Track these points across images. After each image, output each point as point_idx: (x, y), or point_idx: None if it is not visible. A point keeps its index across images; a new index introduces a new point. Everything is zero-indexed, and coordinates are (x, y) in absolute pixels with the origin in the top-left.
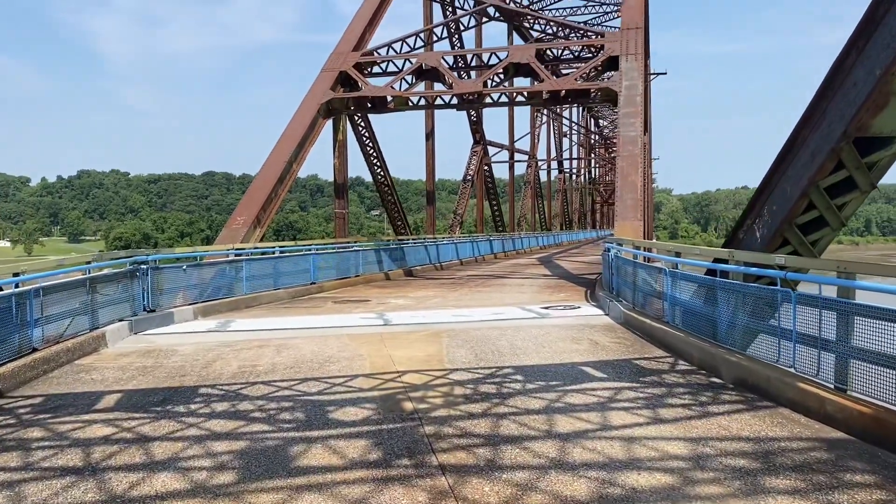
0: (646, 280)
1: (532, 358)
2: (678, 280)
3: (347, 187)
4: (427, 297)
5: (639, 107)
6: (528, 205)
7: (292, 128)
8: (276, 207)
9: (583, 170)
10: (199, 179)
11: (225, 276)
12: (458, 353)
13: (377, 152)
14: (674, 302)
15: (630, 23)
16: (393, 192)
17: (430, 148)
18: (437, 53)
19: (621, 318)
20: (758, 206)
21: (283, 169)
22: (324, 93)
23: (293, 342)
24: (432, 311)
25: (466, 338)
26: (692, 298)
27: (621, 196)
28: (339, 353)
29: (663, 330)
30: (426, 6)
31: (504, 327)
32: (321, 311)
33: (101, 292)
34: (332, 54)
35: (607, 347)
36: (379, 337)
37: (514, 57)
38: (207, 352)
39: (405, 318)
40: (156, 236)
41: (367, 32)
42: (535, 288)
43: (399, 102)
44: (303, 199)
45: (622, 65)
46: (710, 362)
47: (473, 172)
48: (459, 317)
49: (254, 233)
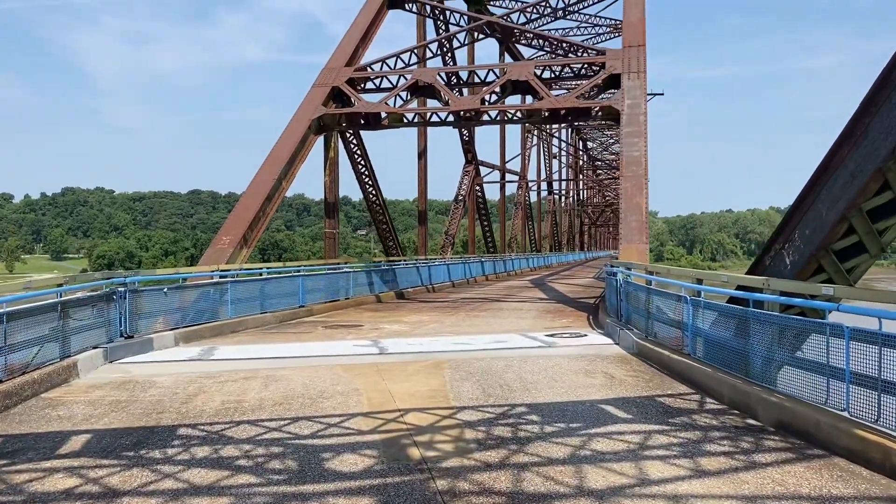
0: (661, 308)
1: (545, 394)
2: (702, 309)
3: (339, 206)
4: (422, 322)
5: (642, 126)
6: (518, 226)
7: (282, 144)
8: (263, 227)
9: (571, 191)
10: (184, 198)
11: (209, 299)
12: (464, 388)
13: (369, 170)
14: (696, 332)
15: (632, 40)
16: (385, 211)
17: (423, 167)
18: (432, 69)
19: (633, 347)
20: (788, 230)
21: (271, 186)
22: (315, 108)
23: (282, 373)
24: (430, 339)
25: (470, 369)
26: (718, 329)
27: (625, 218)
28: (332, 387)
29: (685, 363)
30: (420, 22)
31: (509, 357)
32: (311, 337)
33: (75, 317)
34: (324, 69)
35: (625, 382)
36: (375, 368)
37: (513, 74)
38: (188, 384)
39: (402, 347)
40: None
41: (361, 48)
42: (535, 313)
43: (394, 119)
44: (289, 218)
45: (624, 83)
46: (743, 401)
47: (465, 192)
48: (460, 345)
49: (240, 253)
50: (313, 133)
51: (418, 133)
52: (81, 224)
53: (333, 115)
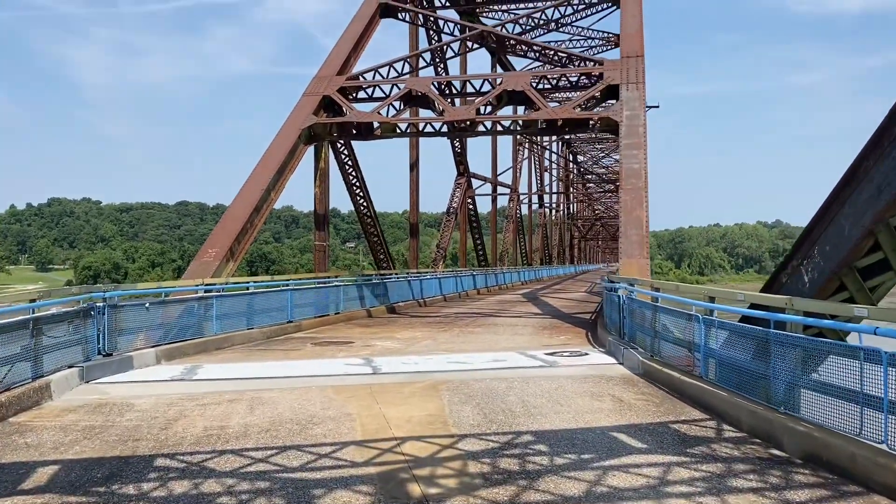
0: (669, 327)
1: (551, 420)
2: (715, 329)
3: (329, 218)
4: (415, 338)
5: (641, 138)
6: (509, 239)
7: (271, 153)
8: (251, 239)
9: (562, 205)
10: (171, 209)
11: (193, 315)
12: (464, 413)
13: (360, 182)
14: (709, 354)
15: (630, 51)
16: (376, 224)
17: (415, 179)
18: (426, 79)
19: (639, 368)
20: (806, 246)
21: (259, 197)
22: (306, 117)
23: (269, 395)
24: (424, 357)
25: (469, 391)
26: (734, 351)
27: (625, 232)
28: (323, 412)
29: (697, 386)
30: (412, 32)
31: (509, 378)
32: (300, 354)
33: (49, 334)
34: (315, 78)
35: (634, 406)
36: (368, 389)
37: (509, 84)
38: (169, 407)
39: (396, 366)
40: (126, 266)
41: (352, 57)
42: (531, 329)
43: (386, 129)
44: (277, 229)
45: (623, 94)
46: (765, 429)
47: (457, 205)
48: (456, 364)
49: (226, 266)
50: (303, 143)
51: (410, 144)
52: (67, 235)
53: (324, 125)
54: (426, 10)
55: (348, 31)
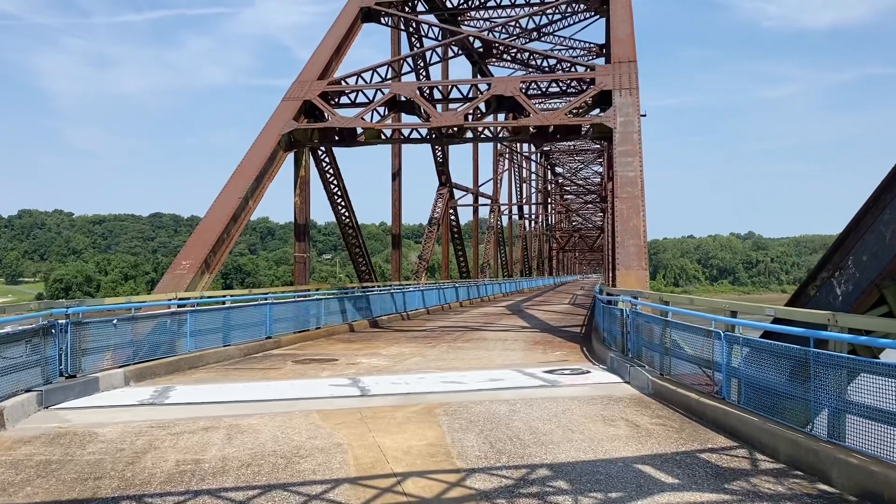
0: (682, 344)
1: (566, 450)
2: (740, 347)
3: (309, 229)
4: (402, 354)
5: (636, 145)
6: (490, 250)
7: (249, 160)
8: (227, 250)
9: (541, 216)
10: (145, 221)
11: (165, 331)
12: (468, 442)
13: (342, 191)
14: (732, 373)
15: (622, 56)
16: (358, 234)
17: (397, 188)
18: (412, 83)
19: (648, 388)
20: (838, 256)
21: (237, 206)
22: (286, 123)
23: (249, 422)
24: (415, 376)
25: (469, 416)
26: (765, 371)
27: (623, 242)
28: (309, 441)
29: (721, 410)
30: (394, 38)
31: (511, 400)
32: (280, 374)
33: (3, 355)
34: (295, 82)
35: (653, 433)
36: (358, 414)
37: (498, 89)
38: (137, 436)
39: (386, 386)
40: (98, 279)
41: (334, 61)
42: (522, 344)
43: (371, 135)
44: (253, 241)
45: (616, 100)
46: (807, 460)
47: (440, 215)
48: (451, 384)
49: (201, 279)
50: (283, 149)
51: (392, 153)
52: (38, 247)
53: (305, 131)
54: (408, 14)
55: (329, 35)
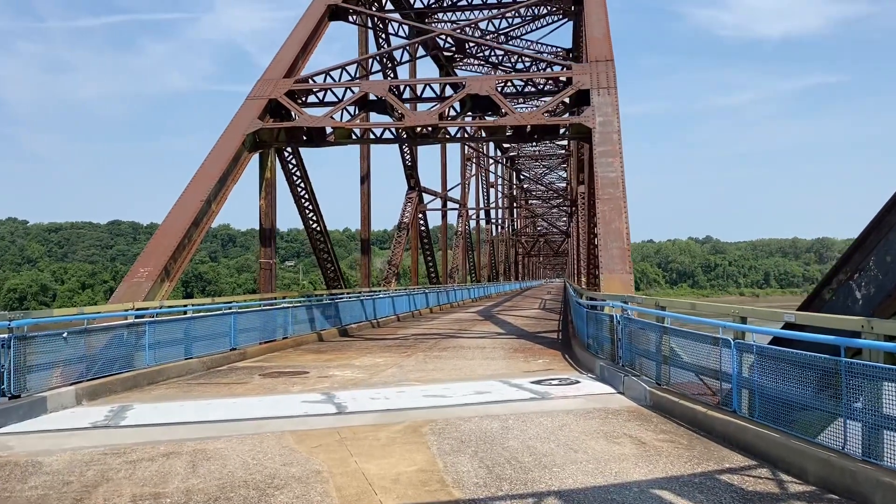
0: (684, 351)
1: (572, 473)
2: (754, 356)
3: (276, 234)
4: (377, 365)
5: (616, 145)
6: (459, 255)
7: (212, 161)
8: (189, 256)
9: (506, 220)
10: (103, 228)
11: (122, 345)
12: (462, 466)
13: (310, 193)
14: (744, 385)
15: (599, 55)
16: (326, 240)
17: (366, 192)
18: (384, 82)
19: (646, 399)
20: (858, 257)
21: (199, 209)
22: (250, 122)
23: (215, 447)
24: (394, 389)
25: (460, 435)
26: (784, 382)
27: (605, 245)
28: (284, 469)
29: (733, 424)
30: (361, 36)
31: (502, 415)
32: (248, 389)
33: None
34: (260, 81)
35: (662, 451)
36: (336, 435)
37: (473, 88)
38: (88, 466)
39: (364, 402)
40: (54, 288)
41: (301, 60)
42: (501, 352)
43: (341, 135)
44: (213, 249)
45: (594, 99)
46: (843, 483)
47: (409, 220)
48: (435, 398)
49: (161, 288)
50: (248, 150)
51: (360, 156)
52: None
53: (271, 130)
54: (377, 12)
55: (295, 33)
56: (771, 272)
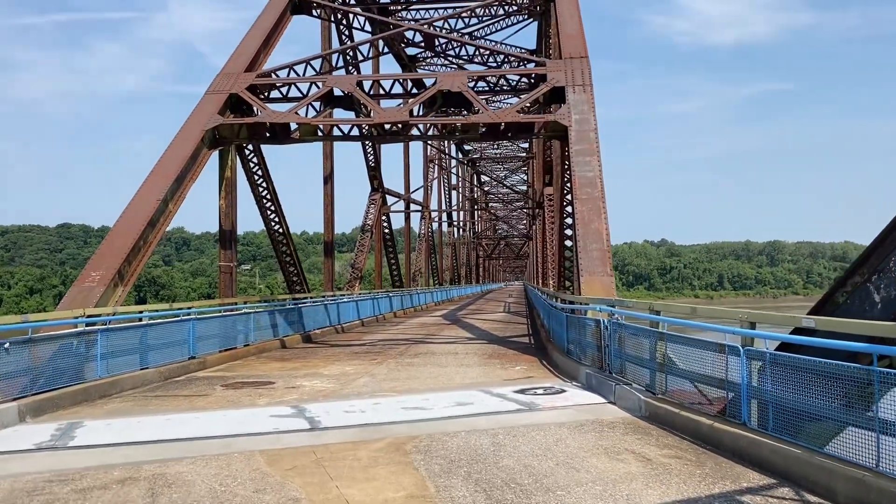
0: (682, 359)
1: (579, 497)
2: (767, 364)
3: (236, 235)
4: (347, 375)
5: (593, 143)
6: (422, 259)
7: (169, 159)
8: (145, 259)
9: (467, 223)
10: (52, 232)
11: (71, 355)
12: (457, 491)
13: (272, 193)
14: (755, 395)
15: (573, 51)
16: (289, 242)
17: (329, 193)
18: (351, 77)
19: (641, 409)
20: (876, 258)
21: (155, 209)
22: (210, 117)
23: (177, 470)
24: (369, 401)
25: (448, 453)
26: (802, 394)
27: (585, 247)
28: (258, 497)
29: (745, 438)
30: (324, 33)
31: (490, 430)
32: (210, 402)
33: None
34: (220, 75)
35: (671, 469)
36: (312, 455)
37: (444, 84)
38: (31, 496)
39: (338, 416)
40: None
41: (262, 54)
42: (476, 358)
43: (306, 131)
44: (167, 252)
45: (569, 97)
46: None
47: (372, 222)
48: (413, 410)
49: (114, 293)
50: (207, 147)
51: (324, 155)
52: None
53: (232, 126)
54: (341, 7)
55: (257, 25)
56: (725, 274)
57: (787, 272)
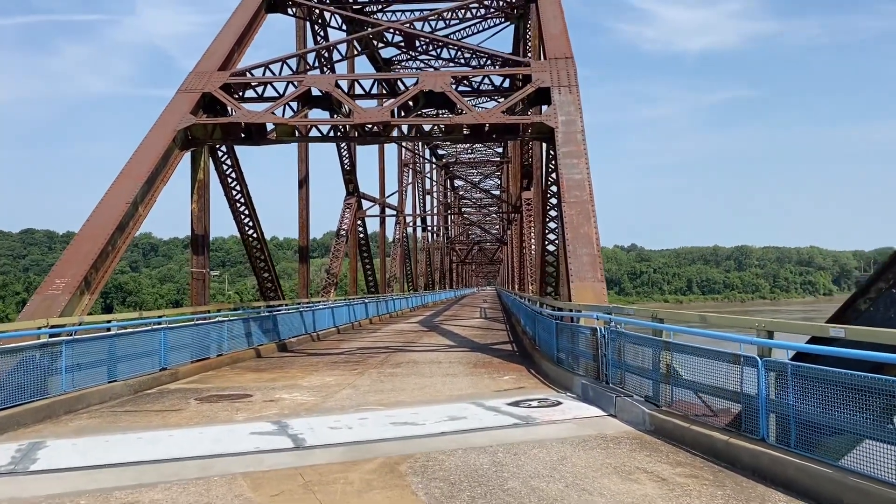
0: (687, 370)
1: None
2: (785, 376)
3: (209, 240)
4: (328, 386)
5: (581, 145)
6: (397, 264)
7: (139, 160)
8: (113, 265)
9: (441, 228)
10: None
11: (33, 368)
12: None
13: (246, 197)
14: (774, 409)
15: (557, 52)
16: (264, 247)
17: (304, 196)
18: (329, 76)
19: (645, 422)
20: None
21: (124, 212)
22: (182, 117)
23: (151, 497)
24: (355, 416)
25: (447, 475)
26: (831, 408)
27: (575, 252)
28: None
29: (767, 456)
30: (299, 33)
31: (488, 447)
32: (184, 418)
33: None
34: (192, 73)
35: (691, 490)
36: (299, 478)
37: (426, 84)
38: None
39: (323, 433)
40: None
41: (236, 52)
42: (461, 367)
43: (284, 132)
44: (134, 258)
45: (555, 97)
46: None
47: (348, 227)
48: (403, 425)
49: (80, 301)
50: (179, 148)
51: (299, 158)
52: None
53: (205, 126)
54: (319, 5)
55: (231, 23)
56: (693, 279)
57: (755, 276)
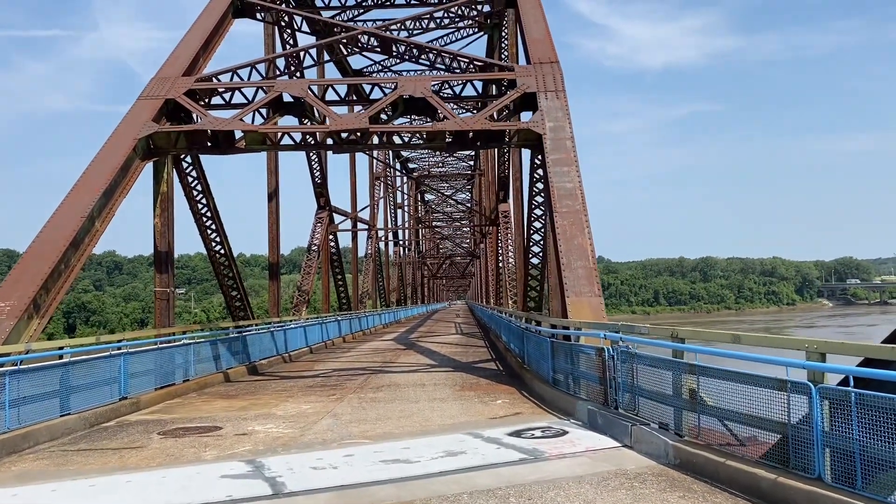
0: (718, 397)
1: None
2: (846, 405)
3: (173, 257)
4: (305, 415)
5: (571, 152)
6: (369, 279)
7: (96, 171)
8: (67, 285)
9: (412, 242)
10: None
11: None
12: None
13: (212, 210)
14: (830, 443)
15: (542, 57)
16: (232, 264)
17: (275, 210)
18: (302, 81)
19: (668, 455)
20: None
21: (79, 227)
22: (143, 125)
23: None
24: (340, 452)
25: None
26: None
27: (569, 264)
28: None
29: (829, 498)
30: (267, 39)
31: (497, 490)
32: (145, 457)
33: None
34: (155, 79)
35: None
36: None
37: (407, 88)
38: None
39: (305, 474)
40: None
41: (202, 57)
42: (448, 390)
43: (254, 140)
44: (98, 277)
45: (542, 103)
46: None
47: (319, 242)
48: (396, 463)
49: (28, 326)
50: (140, 158)
51: (268, 170)
52: None
53: (168, 135)
54: (289, 9)
55: (196, 27)
56: (660, 290)
57: (720, 287)
